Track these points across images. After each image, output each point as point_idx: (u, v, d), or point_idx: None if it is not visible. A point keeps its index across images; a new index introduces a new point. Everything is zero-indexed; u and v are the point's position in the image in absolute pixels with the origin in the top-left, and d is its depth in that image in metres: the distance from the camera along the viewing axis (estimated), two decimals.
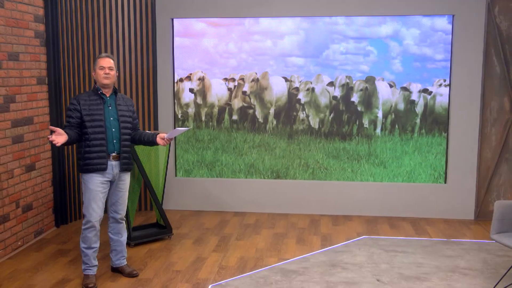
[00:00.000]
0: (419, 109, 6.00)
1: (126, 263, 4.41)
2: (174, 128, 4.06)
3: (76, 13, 5.69)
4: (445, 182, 6.04)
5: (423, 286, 4.13)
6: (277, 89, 6.16)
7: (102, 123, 4.07)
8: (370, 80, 6.00)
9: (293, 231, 5.56)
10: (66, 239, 5.27)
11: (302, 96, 6.11)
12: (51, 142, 3.84)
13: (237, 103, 6.24)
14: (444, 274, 4.37)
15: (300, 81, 6.09)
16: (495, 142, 5.89)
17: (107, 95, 4.15)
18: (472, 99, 5.84)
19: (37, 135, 5.20)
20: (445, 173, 6.04)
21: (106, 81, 4.09)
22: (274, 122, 6.22)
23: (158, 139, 4.19)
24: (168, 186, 6.27)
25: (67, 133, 3.93)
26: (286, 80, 6.12)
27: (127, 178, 4.29)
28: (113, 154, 4.12)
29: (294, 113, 6.17)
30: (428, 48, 5.91)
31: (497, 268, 4.51)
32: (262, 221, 5.95)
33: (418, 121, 6.03)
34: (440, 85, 5.91)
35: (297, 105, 6.15)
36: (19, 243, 4.96)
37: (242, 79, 6.18)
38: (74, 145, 5.54)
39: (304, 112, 6.14)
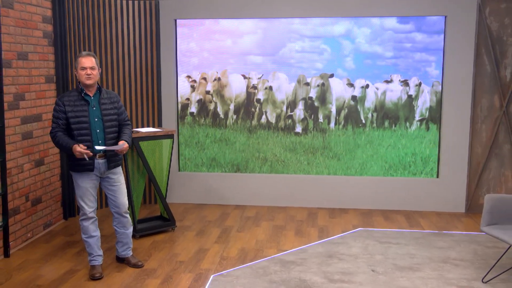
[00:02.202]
0: (370, 104, 6.03)
1: (131, 254, 4.42)
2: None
3: (83, 14, 5.68)
4: (437, 177, 6.04)
5: (416, 276, 4.14)
6: (236, 86, 6.19)
7: (87, 125, 4.00)
8: (324, 77, 6.03)
9: (291, 224, 5.56)
10: (73, 231, 5.27)
11: (259, 93, 6.15)
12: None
13: (199, 100, 6.26)
14: (436, 265, 4.38)
15: (258, 79, 6.12)
16: (486, 138, 5.89)
17: (91, 95, 4.05)
18: (464, 97, 5.84)
19: (46, 132, 5.19)
20: (437, 168, 6.04)
21: (88, 82, 3.98)
22: (234, 118, 6.25)
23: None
24: (172, 180, 6.27)
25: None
26: (245, 77, 6.15)
27: (118, 172, 4.22)
28: (99, 153, 4.06)
29: (253, 109, 6.20)
30: (379, 46, 5.93)
31: (487, 259, 4.51)
32: (262, 213, 5.95)
33: (369, 115, 6.05)
34: (390, 81, 5.97)
35: (255, 101, 6.18)
36: (29, 235, 4.97)
37: (205, 78, 6.20)
38: None
39: (261, 107, 6.18)
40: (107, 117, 4.09)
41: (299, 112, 6.07)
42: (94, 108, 4.05)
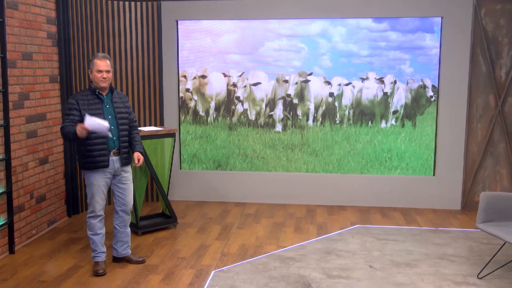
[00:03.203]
0: (347, 101, 6.05)
1: (130, 252, 4.40)
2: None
3: (86, 15, 5.67)
4: (434, 175, 6.04)
5: (413, 272, 4.14)
6: (217, 84, 6.21)
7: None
8: (303, 74, 6.06)
9: (291, 221, 5.56)
10: (77, 228, 5.27)
11: (239, 90, 6.18)
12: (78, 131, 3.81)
13: (179, 97, 6.29)
14: (433, 261, 4.38)
15: (238, 76, 6.14)
16: (481, 137, 5.88)
17: (104, 94, 4.07)
18: (459, 96, 5.84)
19: (50, 130, 5.19)
20: (434, 166, 6.04)
21: (103, 85, 4.01)
22: (215, 115, 6.26)
23: (134, 156, 4.18)
24: (173, 178, 6.27)
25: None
26: (225, 75, 6.17)
27: (129, 170, 4.23)
28: (114, 150, 4.07)
29: (233, 107, 6.22)
30: (354, 45, 5.94)
31: (482, 255, 4.52)
32: (262, 211, 5.95)
33: (346, 112, 6.07)
34: (366, 78, 6.00)
35: (235, 99, 6.20)
36: (33, 231, 4.97)
37: (184, 76, 6.23)
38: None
39: (242, 105, 6.20)
40: (120, 115, 4.12)
41: (279, 112, 6.09)
42: (107, 106, 4.07)
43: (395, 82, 5.97)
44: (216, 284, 3.91)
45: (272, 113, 6.13)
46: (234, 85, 6.15)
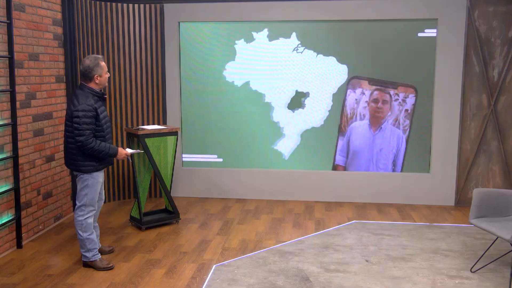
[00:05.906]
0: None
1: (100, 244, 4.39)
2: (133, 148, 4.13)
3: (91, 17, 5.67)
4: (429, 172, 6.04)
5: (408, 266, 4.14)
6: None
7: (110, 124, 4.07)
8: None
9: (289, 216, 5.56)
10: None
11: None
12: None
13: None
14: (427, 255, 4.38)
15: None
16: (474, 135, 5.88)
17: None
18: (453, 96, 5.83)
19: (56, 129, 5.19)
20: (429, 163, 6.03)
21: (106, 84, 4.05)
22: None
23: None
24: (176, 175, 6.27)
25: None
26: None
27: None
28: None
29: None
30: None
31: (475, 249, 4.52)
32: (262, 207, 5.95)
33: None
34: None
35: None
36: (40, 227, 4.97)
37: None
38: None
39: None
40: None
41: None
42: None
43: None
44: (217, 278, 3.92)
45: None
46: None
